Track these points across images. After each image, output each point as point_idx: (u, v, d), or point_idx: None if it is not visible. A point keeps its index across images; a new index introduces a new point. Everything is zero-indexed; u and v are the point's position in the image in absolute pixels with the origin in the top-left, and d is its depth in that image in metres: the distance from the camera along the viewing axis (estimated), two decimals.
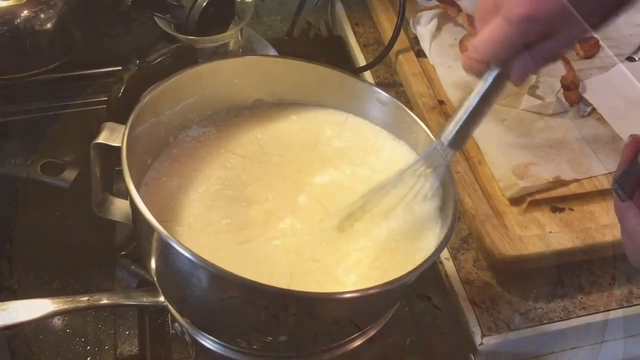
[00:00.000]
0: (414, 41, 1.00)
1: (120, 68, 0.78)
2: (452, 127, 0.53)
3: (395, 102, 0.64)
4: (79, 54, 0.93)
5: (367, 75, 1.00)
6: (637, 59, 0.99)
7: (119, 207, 0.63)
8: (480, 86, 0.50)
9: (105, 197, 0.63)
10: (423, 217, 0.61)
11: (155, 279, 0.57)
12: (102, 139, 0.55)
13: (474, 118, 0.52)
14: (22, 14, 0.85)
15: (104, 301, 0.61)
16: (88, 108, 0.91)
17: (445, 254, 0.77)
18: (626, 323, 0.78)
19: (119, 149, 0.52)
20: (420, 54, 0.99)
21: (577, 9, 0.44)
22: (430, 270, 0.75)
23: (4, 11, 0.81)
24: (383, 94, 0.64)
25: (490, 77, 0.50)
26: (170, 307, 0.60)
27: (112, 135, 0.55)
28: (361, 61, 1.03)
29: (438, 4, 1.03)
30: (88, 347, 0.67)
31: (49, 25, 0.88)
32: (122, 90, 0.76)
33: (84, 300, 0.60)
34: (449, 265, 0.77)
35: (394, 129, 0.66)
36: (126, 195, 0.51)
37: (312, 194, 0.61)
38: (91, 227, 0.77)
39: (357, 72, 0.99)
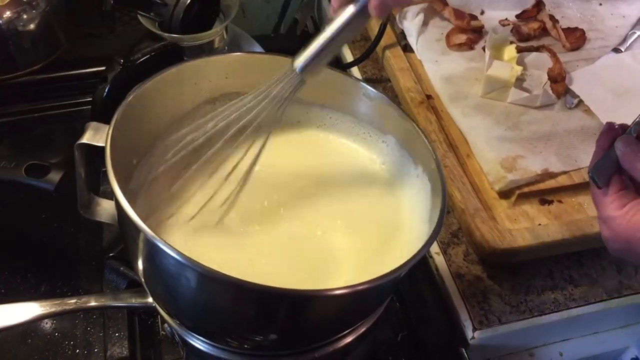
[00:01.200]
0: (401, 36, 1.00)
1: (104, 68, 0.77)
2: (308, 55, 0.53)
3: (382, 98, 0.64)
4: (63, 55, 0.92)
5: (355, 71, 1.00)
6: (623, 50, 0.99)
7: (105, 208, 0.63)
8: (341, 15, 0.52)
9: (91, 198, 0.62)
10: (413, 210, 0.61)
11: (143, 280, 0.56)
12: (86, 139, 0.55)
13: (330, 47, 0.53)
14: (5, 15, 0.84)
15: (92, 303, 0.60)
16: (73, 109, 0.90)
17: (435, 248, 0.77)
18: (617, 314, 0.78)
19: (103, 149, 0.51)
20: (407, 48, 0.99)
21: None
22: (420, 265, 0.75)
23: None
24: (370, 90, 0.64)
25: (351, 8, 0.51)
26: (159, 308, 0.60)
27: (96, 136, 0.54)
28: (348, 57, 1.02)
29: None
30: (77, 350, 0.66)
31: (32, 26, 0.87)
32: (106, 90, 0.76)
33: (71, 302, 0.59)
34: (439, 260, 0.77)
35: (381, 124, 0.66)
36: (112, 196, 0.50)
37: (296, 198, 0.61)
38: (78, 228, 0.76)
39: (344, 68, 0.98)
